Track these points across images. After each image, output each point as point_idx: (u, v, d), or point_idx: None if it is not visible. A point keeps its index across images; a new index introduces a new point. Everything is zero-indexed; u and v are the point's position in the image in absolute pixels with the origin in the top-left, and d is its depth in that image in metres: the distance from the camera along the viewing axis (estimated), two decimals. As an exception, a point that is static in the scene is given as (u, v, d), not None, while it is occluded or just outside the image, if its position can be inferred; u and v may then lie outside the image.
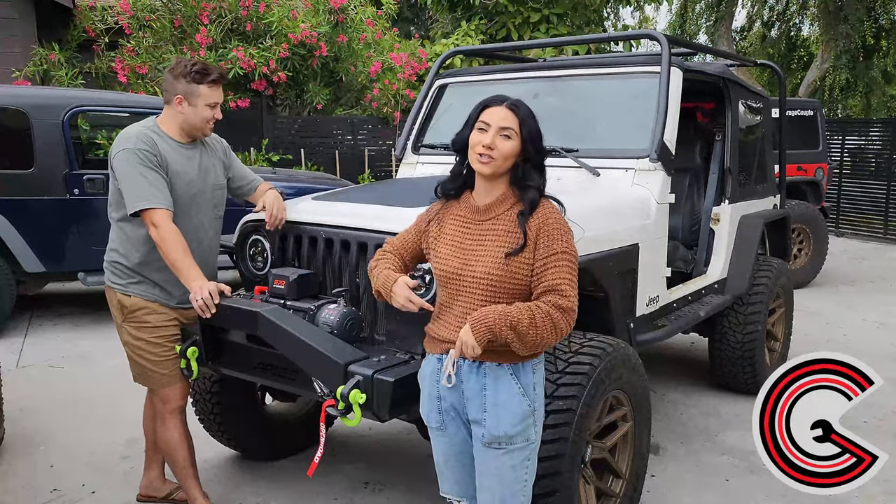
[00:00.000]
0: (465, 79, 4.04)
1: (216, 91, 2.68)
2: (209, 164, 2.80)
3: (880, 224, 10.94)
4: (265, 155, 9.08)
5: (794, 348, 4.78)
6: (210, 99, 2.66)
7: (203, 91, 2.64)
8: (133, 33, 9.17)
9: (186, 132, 2.70)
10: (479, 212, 1.97)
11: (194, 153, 2.74)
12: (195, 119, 2.66)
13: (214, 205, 2.83)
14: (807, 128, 8.05)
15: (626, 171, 3.22)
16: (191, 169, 2.70)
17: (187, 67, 2.62)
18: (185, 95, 2.63)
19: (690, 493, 3.20)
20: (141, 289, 2.69)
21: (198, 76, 2.62)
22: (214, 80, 2.66)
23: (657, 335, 3.28)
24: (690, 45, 4.34)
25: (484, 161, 1.89)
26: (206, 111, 2.66)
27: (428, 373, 2.04)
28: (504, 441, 1.91)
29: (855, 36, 15.13)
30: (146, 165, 2.55)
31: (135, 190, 2.54)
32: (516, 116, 1.90)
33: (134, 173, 2.54)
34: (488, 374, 1.91)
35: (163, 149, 2.62)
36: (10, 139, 5.42)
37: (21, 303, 5.89)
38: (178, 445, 2.80)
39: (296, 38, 8.83)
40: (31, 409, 4.04)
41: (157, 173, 2.57)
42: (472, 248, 1.93)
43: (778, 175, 5.06)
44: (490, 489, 1.96)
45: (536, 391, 1.96)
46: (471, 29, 10.77)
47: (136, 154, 2.55)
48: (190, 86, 2.62)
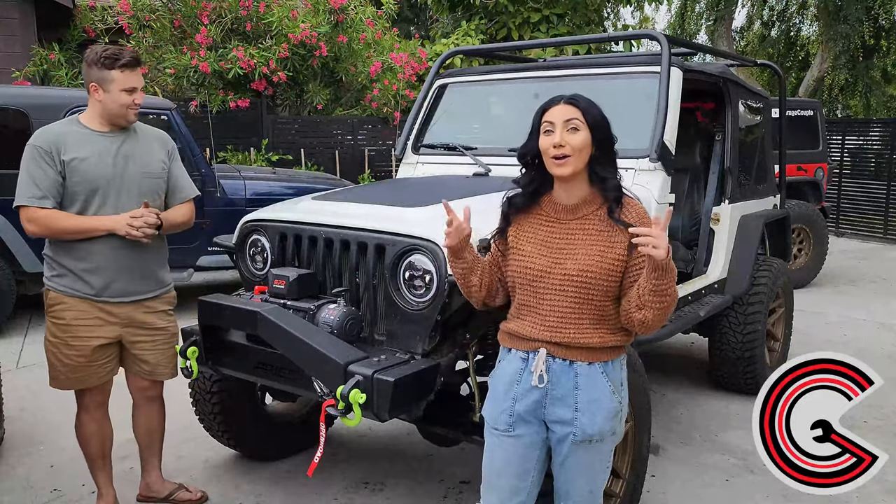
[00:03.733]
0: (465, 79, 4.04)
1: (131, 75, 2.56)
2: (133, 152, 2.67)
3: (880, 224, 10.94)
4: (265, 155, 9.08)
5: (794, 348, 4.78)
6: (125, 83, 2.56)
7: (116, 76, 2.54)
8: (133, 33, 9.19)
9: (107, 120, 2.62)
10: (566, 210, 1.94)
11: (114, 139, 2.64)
12: (112, 105, 2.57)
13: (142, 192, 2.67)
14: (807, 128, 8.05)
15: (626, 170, 3.22)
16: (104, 154, 2.60)
17: (98, 53, 2.53)
18: (99, 82, 2.55)
19: (690, 493, 3.20)
20: (61, 282, 2.61)
21: (108, 61, 2.53)
22: (126, 64, 2.54)
23: (657, 335, 3.27)
24: (690, 45, 4.34)
25: (560, 162, 1.86)
26: (122, 97, 2.56)
27: (509, 371, 1.97)
28: (597, 438, 1.92)
29: (854, 36, 15.12)
30: (34, 161, 2.52)
31: (20, 186, 2.53)
32: (577, 108, 1.87)
33: (23, 169, 2.53)
34: (580, 374, 1.90)
35: (68, 140, 2.56)
36: (10, 139, 5.42)
37: (21, 303, 5.89)
38: (88, 439, 2.81)
39: (296, 38, 8.84)
40: (31, 409, 4.04)
41: (45, 169, 2.52)
42: (560, 247, 1.91)
43: (778, 175, 5.06)
44: (580, 485, 1.98)
45: (623, 386, 1.98)
46: (471, 29, 10.77)
47: (29, 148, 2.55)
48: (102, 72, 2.53)
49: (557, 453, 1.97)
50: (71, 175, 2.55)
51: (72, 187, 2.56)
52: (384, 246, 2.52)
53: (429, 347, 2.46)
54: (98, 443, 2.82)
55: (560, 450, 1.95)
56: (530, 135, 1.94)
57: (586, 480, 1.98)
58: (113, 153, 2.63)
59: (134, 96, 2.59)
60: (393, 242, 2.50)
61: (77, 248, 2.58)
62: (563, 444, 1.94)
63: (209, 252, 5.96)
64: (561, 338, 1.89)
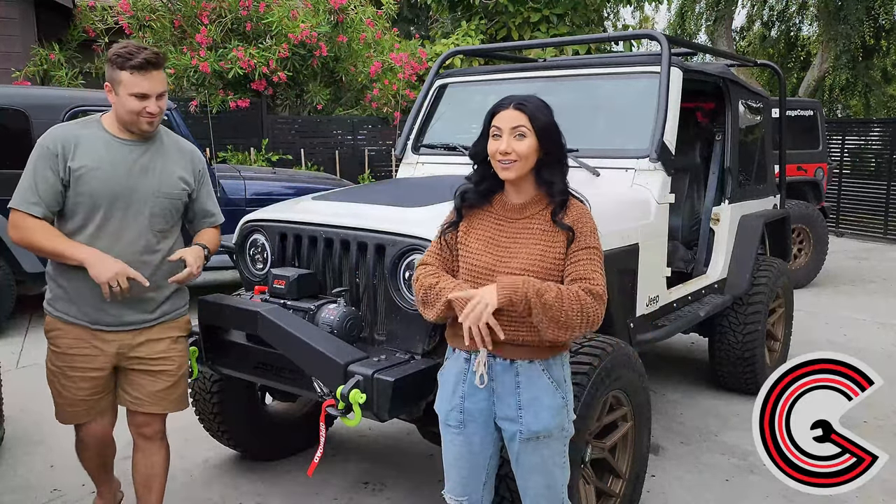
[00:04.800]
0: (465, 79, 4.04)
1: (143, 79, 2.21)
2: (153, 166, 2.36)
3: (880, 224, 10.94)
4: (265, 155, 9.08)
5: (794, 348, 4.78)
6: (133, 87, 2.21)
7: (124, 78, 2.21)
8: (133, 33, 9.18)
9: (122, 126, 2.32)
10: (514, 210, 1.99)
11: (133, 149, 2.33)
12: (121, 111, 2.27)
13: (153, 213, 2.35)
14: (807, 128, 8.05)
15: (626, 171, 3.23)
16: (118, 164, 2.29)
17: (113, 50, 2.23)
18: (111, 82, 2.26)
19: (690, 493, 3.20)
20: (57, 306, 2.34)
21: (119, 60, 2.20)
22: (136, 66, 2.19)
23: (657, 335, 3.28)
24: (690, 45, 4.35)
25: (506, 166, 1.91)
26: (130, 102, 2.23)
27: (454, 372, 2.03)
28: (543, 435, 1.94)
29: (854, 36, 15.12)
30: (38, 162, 2.25)
31: (19, 185, 2.27)
32: (524, 114, 1.90)
33: (27, 167, 2.27)
34: (521, 372, 1.94)
35: (80, 143, 2.27)
36: (10, 139, 5.43)
37: (21, 303, 5.89)
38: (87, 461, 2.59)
39: (296, 38, 8.84)
40: (31, 409, 4.04)
41: (46, 174, 2.24)
42: (506, 245, 1.95)
43: (778, 175, 5.06)
44: (535, 481, 2.01)
45: (567, 383, 2.01)
46: (471, 29, 10.77)
47: (37, 147, 2.28)
48: (114, 71, 2.23)
49: (510, 452, 2.03)
50: (75, 185, 2.26)
51: (74, 198, 2.27)
52: (384, 246, 2.52)
53: (429, 347, 2.46)
54: (98, 464, 2.62)
55: (512, 448, 2.01)
56: (481, 135, 1.99)
57: (542, 476, 2.01)
58: (129, 165, 2.32)
59: (145, 103, 2.24)
60: (393, 242, 2.50)
61: (69, 267, 2.29)
62: (513, 443, 1.99)
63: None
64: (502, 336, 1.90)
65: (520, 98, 1.94)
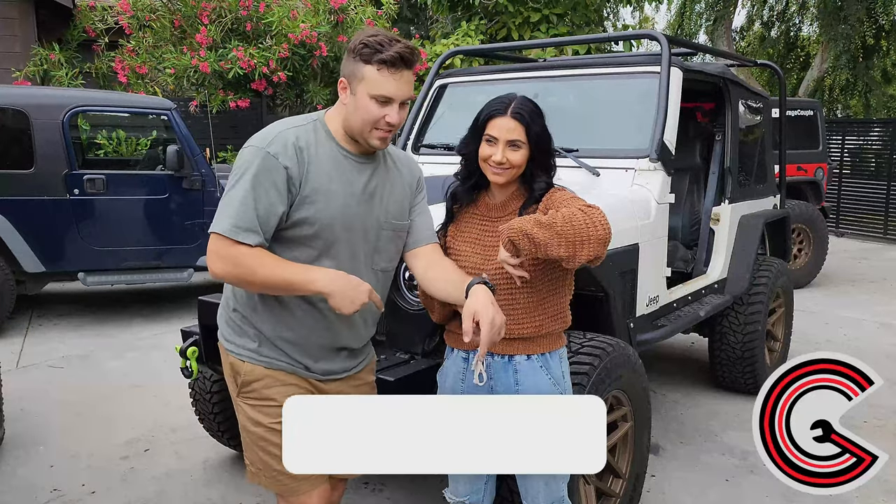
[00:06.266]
0: (465, 79, 4.04)
1: (391, 78, 1.74)
2: (380, 191, 1.90)
3: (880, 224, 10.95)
4: (265, 155, 9.08)
5: (794, 348, 4.78)
6: (378, 88, 1.74)
7: (368, 74, 1.74)
8: (133, 33, 9.18)
9: (350, 135, 1.83)
10: (496, 209, 2.01)
11: (363, 169, 1.86)
12: (354, 116, 1.78)
13: (377, 249, 1.92)
14: (807, 128, 8.05)
15: (626, 171, 3.22)
16: (349, 186, 1.83)
17: (359, 38, 1.76)
18: (349, 77, 1.78)
19: (690, 493, 3.20)
20: (262, 351, 1.87)
21: (366, 51, 1.73)
22: (388, 61, 1.73)
23: (657, 335, 3.28)
24: (690, 45, 4.35)
25: (497, 172, 1.92)
26: (370, 106, 1.75)
27: (453, 372, 2.03)
28: None
29: (855, 36, 15.12)
30: (259, 175, 1.71)
31: (226, 206, 1.73)
32: (521, 124, 1.89)
33: (236, 178, 1.74)
34: (519, 370, 1.95)
35: (312, 153, 1.78)
36: (10, 139, 5.43)
37: (21, 303, 5.89)
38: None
39: (296, 38, 8.83)
40: (31, 409, 4.04)
41: (270, 193, 1.72)
42: (492, 244, 1.95)
43: (778, 175, 5.06)
44: (535, 480, 2.01)
45: (566, 379, 2.01)
46: (471, 29, 10.76)
47: (255, 153, 1.74)
48: (356, 64, 1.75)
49: None
50: (304, 210, 1.76)
51: (295, 227, 1.77)
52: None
53: (429, 347, 2.46)
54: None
55: None
56: (473, 134, 1.97)
57: (542, 476, 2.01)
58: (360, 189, 1.85)
59: (387, 111, 1.76)
60: (393, 242, 2.49)
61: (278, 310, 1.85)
62: None
63: (209, 252, 5.97)
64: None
65: (516, 105, 1.91)
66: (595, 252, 1.73)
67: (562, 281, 1.99)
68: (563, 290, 2.01)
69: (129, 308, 6.39)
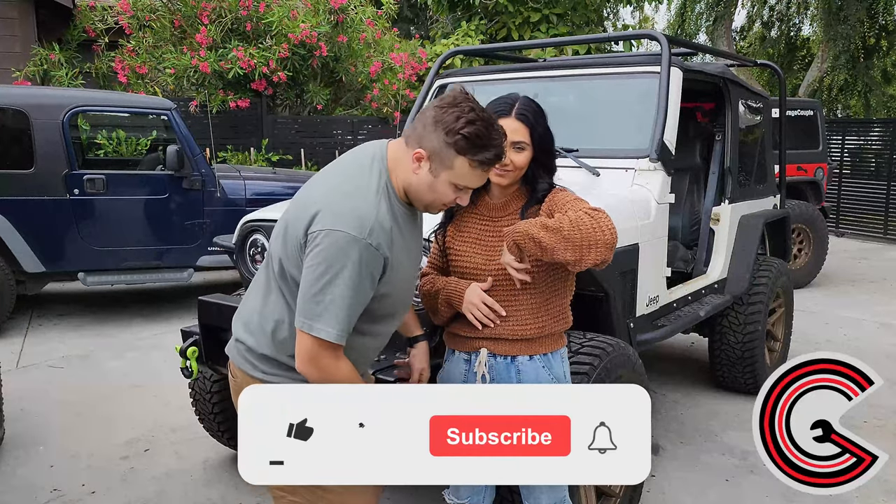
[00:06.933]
0: (465, 79, 4.04)
1: (482, 175, 1.69)
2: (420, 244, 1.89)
3: (880, 224, 10.95)
4: (265, 155, 9.08)
5: (794, 348, 4.78)
6: (463, 180, 1.67)
7: (459, 166, 1.64)
8: (133, 33, 9.19)
9: (403, 194, 1.72)
10: (497, 209, 2.00)
11: (415, 215, 1.79)
12: (425, 193, 1.69)
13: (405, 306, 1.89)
14: (807, 128, 8.05)
15: (626, 171, 3.22)
16: (415, 243, 1.80)
17: (461, 124, 1.61)
18: (433, 156, 1.64)
19: (690, 492, 3.19)
20: None
21: (464, 143, 1.61)
22: (487, 162, 1.65)
23: (657, 335, 3.27)
24: (690, 45, 4.35)
25: (500, 173, 1.91)
26: (447, 191, 1.68)
27: (455, 374, 2.03)
28: None
29: (855, 36, 15.12)
30: (360, 271, 1.58)
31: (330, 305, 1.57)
32: (526, 126, 1.90)
33: (340, 278, 1.56)
34: (521, 370, 1.94)
35: (392, 227, 1.65)
36: (10, 139, 5.43)
37: (21, 303, 5.89)
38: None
39: (296, 38, 8.84)
40: (31, 409, 4.04)
41: (366, 290, 1.62)
42: (493, 244, 1.95)
43: (778, 175, 5.06)
44: None
45: (567, 379, 2.02)
46: (471, 29, 10.76)
47: (360, 249, 1.57)
48: (447, 149, 1.63)
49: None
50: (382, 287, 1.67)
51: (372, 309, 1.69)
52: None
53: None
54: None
55: None
56: None
57: None
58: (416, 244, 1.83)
59: (460, 194, 1.71)
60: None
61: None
62: None
63: (209, 252, 5.98)
64: (500, 332, 1.92)
65: (520, 106, 1.91)
66: (602, 256, 1.74)
67: (564, 282, 1.99)
68: (564, 292, 2.01)
69: (129, 308, 6.39)
